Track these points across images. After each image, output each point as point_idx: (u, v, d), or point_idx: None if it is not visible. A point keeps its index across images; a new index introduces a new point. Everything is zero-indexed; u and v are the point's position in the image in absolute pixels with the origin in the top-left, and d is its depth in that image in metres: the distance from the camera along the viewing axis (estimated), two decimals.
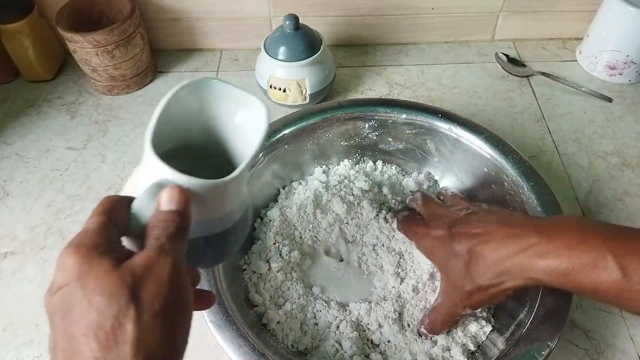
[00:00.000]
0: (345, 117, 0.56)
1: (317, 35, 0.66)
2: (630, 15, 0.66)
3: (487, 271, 0.38)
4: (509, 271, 0.37)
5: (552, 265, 0.35)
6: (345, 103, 0.57)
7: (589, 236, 0.35)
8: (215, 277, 0.43)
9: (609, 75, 0.72)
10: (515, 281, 0.38)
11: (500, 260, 0.37)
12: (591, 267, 0.34)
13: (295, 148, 0.56)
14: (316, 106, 0.58)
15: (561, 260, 0.35)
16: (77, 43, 0.65)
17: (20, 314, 0.51)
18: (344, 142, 0.58)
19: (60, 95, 0.72)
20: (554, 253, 0.36)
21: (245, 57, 0.77)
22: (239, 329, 0.40)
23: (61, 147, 0.66)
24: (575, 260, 0.35)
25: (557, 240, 0.36)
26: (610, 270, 0.34)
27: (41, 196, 0.61)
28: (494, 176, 0.52)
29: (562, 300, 0.42)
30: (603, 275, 0.34)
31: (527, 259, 0.37)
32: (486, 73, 0.74)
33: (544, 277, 0.36)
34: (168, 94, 0.32)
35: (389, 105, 0.56)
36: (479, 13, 0.75)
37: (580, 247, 0.35)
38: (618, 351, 0.48)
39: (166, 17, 0.74)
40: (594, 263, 0.34)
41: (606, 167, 0.63)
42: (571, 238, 0.36)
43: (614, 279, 0.34)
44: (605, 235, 0.35)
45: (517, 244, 0.37)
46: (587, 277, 0.35)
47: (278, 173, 0.56)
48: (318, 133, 0.56)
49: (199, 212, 0.30)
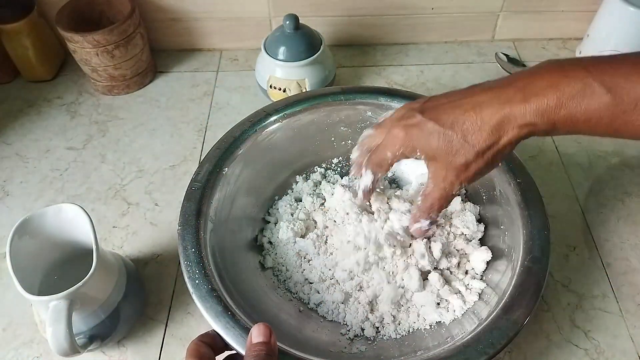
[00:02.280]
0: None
1: (317, 35, 0.66)
2: (630, 15, 0.66)
3: (481, 133, 0.37)
4: (502, 124, 0.36)
5: (541, 104, 0.35)
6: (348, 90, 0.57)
7: (570, 70, 0.35)
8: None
9: None
10: (510, 134, 0.37)
11: (490, 117, 0.36)
12: (579, 96, 0.34)
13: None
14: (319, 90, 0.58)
15: (548, 97, 0.35)
16: (77, 43, 0.65)
17: (20, 314, 0.51)
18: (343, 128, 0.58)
19: (60, 95, 0.72)
20: (541, 93, 0.35)
21: (245, 57, 0.77)
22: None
23: (61, 147, 0.66)
24: (561, 93, 0.34)
25: (540, 81, 0.35)
26: (599, 95, 0.33)
27: (41, 196, 0.61)
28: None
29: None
30: (593, 102, 0.33)
31: (516, 105, 0.36)
32: (486, 73, 0.74)
33: (536, 119, 0.35)
34: (6, 247, 0.40)
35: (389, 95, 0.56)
36: (479, 13, 0.75)
37: (564, 80, 0.34)
38: (618, 351, 0.48)
39: (166, 17, 0.74)
40: (581, 91, 0.34)
41: (606, 167, 0.63)
42: (552, 76, 0.35)
43: (604, 103, 0.33)
44: (585, 64, 0.35)
45: (502, 97, 0.36)
46: (578, 107, 0.34)
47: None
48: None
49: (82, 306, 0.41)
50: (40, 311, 0.43)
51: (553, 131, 0.37)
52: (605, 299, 0.51)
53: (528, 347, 0.48)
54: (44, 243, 0.44)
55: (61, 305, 0.38)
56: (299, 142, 0.57)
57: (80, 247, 0.46)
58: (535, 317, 0.50)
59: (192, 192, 0.47)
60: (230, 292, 0.43)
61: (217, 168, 0.50)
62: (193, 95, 0.72)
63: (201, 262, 0.43)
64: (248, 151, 0.53)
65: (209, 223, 0.46)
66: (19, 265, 0.40)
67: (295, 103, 0.55)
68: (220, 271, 0.44)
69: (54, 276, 0.46)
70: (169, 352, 0.48)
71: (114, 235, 0.57)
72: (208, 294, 0.41)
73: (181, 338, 0.49)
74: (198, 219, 0.46)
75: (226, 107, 0.70)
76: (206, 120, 0.68)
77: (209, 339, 0.38)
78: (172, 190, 0.61)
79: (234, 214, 0.51)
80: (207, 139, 0.66)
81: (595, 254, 0.54)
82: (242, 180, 0.52)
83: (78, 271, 0.41)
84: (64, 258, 0.47)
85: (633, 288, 0.52)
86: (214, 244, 0.46)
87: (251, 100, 0.71)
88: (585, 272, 0.53)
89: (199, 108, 0.70)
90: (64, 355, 0.39)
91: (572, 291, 0.52)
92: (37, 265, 0.44)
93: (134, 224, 0.58)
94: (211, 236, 0.46)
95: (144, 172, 0.63)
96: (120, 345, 0.48)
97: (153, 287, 0.52)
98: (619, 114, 0.34)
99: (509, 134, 0.37)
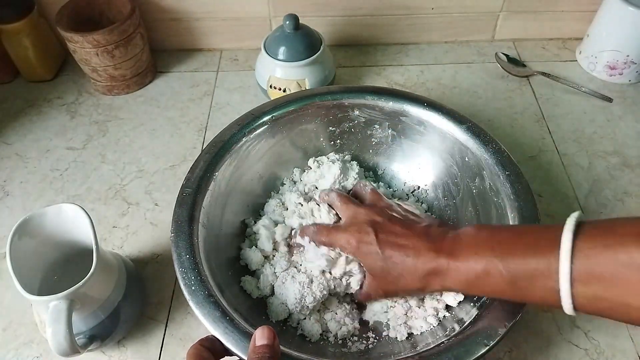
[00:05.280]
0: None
1: (317, 35, 0.66)
2: (630, 15, 0.66)
3: (413, 277, 0.42)
4: (430, 275, 0.41)
5: (459, 278, 0.40)
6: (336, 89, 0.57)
7: (481, 246, 0.39)
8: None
9: (609, 75, 0.72)
10: (434, 286, 0.42)
11: (424, 266, 0.41)
12: (484, 276, 0.38)
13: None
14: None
15: (460, 275, 0.39)
16: (77, 43, 0.65)
17: (20, 314, 0.51)
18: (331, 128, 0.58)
19: (60, 95, 0.72)
20: (457, 269, 0.40)
21: (245, 57, 0.77)
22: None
23: (61, 147, 0.66)
24: (470, 272, 0.39)
25: (459, 255, 0.40)
26: (500, 274, 0.37)
27: (41, 196, 0.61)
28: (473, 165, 0.52)
29: None
30: (494, 281, 0.38)
31: (442, 275, 0.41)
32: (486, 73, 0.74)
33: (456, 287, 0.41)
34: (6, 247, 0.40)
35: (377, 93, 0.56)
36: (479, 13, 0.75)
37: (473, 258, 0.39)
38: (618, 351, 0.48)
39: (166, 17, 0.74)
40: (486, 271, 0.38)
41: (606, 167, 0.63)
42: (468, 251, 0.39)
43: (503, 281, 0.37)
44: (493, 242, 0.39)
45: (433, 262, 0.41)
46: (485, 285, 0.38)
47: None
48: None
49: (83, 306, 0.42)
50: (40, 311, 0.43)
51: (466, 292, 0.44)
52: None
53: (528, 347, 0.48)
54: (44, 243, 0.44)
55: (61, 305, 0.38)
56: (288, 143, 0.57)
57: (80, 247, 0.46)
58: (535, 317, 0.50)
59: (184, 197, 0.47)
60: (226, 296, 0.43)
61: (208, 173, 0.49)
62: (193, 95, 0.72)
63: (196, 268, 0.42)
64: (238, 154, 0.52)
65: (201, 228, 0.46)
66: (19, 265, 0.40)
67: (283, 105, 0.55)
68: (216, 276, 0.44)
69: (54, 276, 0.46)
70: (169, 352, 0.48)
71: (114, 235, 0.57)
72: (205, 300, 0.40)
73: (181, 338, 0.49)
74: (191, 225, 0.45)
75: (226, 107, 0.70)
76: (206, 120, 0.68)
77: (208, 343, 0.38)
78: (172, 190, 0.60)
79: (226, 219, 0.51)
80: (207, 139, 0.66)
81: None
82: (233, 184, 0.52)
83: (78, 271, 0.41)
84: (64, 258, 0.47)
85: None
86: (208, 249, 0.45)
87: (251, 101, 0.71)
88: None
89: (199, 108, 0.70)
90: (64, 355, 0.39)
91: None
92: (37, 265, 0.44)
93: (134, 224, 0.58)
94: (204, 242, 0.46)
95: (144, 172, 0.63)
96: (120, 345, 0.48)
97: (153, 287, 0.52)
98: (517, 295, 0.38)
99: (433, 286, 0.42)
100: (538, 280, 0.35)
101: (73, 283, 0.39)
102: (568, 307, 0.35)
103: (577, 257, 0.34)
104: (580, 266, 0.33)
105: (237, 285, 0.48)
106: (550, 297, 0.35)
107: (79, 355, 0.40)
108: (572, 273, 0.34)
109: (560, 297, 0.34)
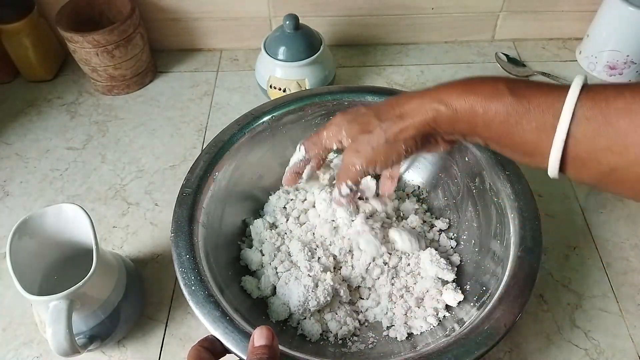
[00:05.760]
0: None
1: (317, 35, 0.66)
2: (630, 15, 0.66)
3: (424, 103, 0.39)
4: (413, 110, 0.39)
5: (449, 90, 0.38)
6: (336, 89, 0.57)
7: (487, 79, 0.37)
8: None
9: (609, 75, 0.72)
10: (417, 118, 0.39)
11: (410, 106, 0.39)
12: (488, 94, 0.36)
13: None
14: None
15: (456, 87, 0.37)
16: (77, 43, 0.65)
17: (20, 314, 0.51)
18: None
19: (60, 95, 0.72)
20: (451, 85, 0.38)
21: (245, 57, 0.77)
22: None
23: (61, 147, 0.66)
24: (476, 94, 0.36)
25: (458, 83, 0.38)
26: (503, 94, 0.35)
27: (41, 196, 0.61)
28: (473, 165, 0.52)
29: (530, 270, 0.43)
30: (494, 108, 0.36)
31: (427, 95, 0.39)
32: (486, 73, 0.74)
33: (440, 105, 0.38)
34: (6, 247, 0.41)
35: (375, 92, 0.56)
36: (479, 13, 0.75)
37: (477, 82, 0.37)
38: (618, 351, 0.48)
39: (166, 17, 0.74)
40: (492, 93, 0.36)
41: None
42: (473, 80, 0.38)
43: (506, 102, 0.35)
44: (501, 78, 0.37)
45: (425, 95, 0.39)
46: (489, 110, 0.36)
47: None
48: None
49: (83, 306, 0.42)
50: (40, 311, 0.43)
51: (456, 120, 0.38)
52: (605, 299, 0.51)
53: (528, 347, 0.48)
54: (44, 243, 0.44)
55: (61, 305, 0.38)
56: (288, 143, 0.56)
57: (80, 247, 0.46)
58: (535, 317, 0.50)
59: (184, 198, 0.47)
60: (226, 296, 0.43)
61: (208, 173, 0.49)
62: (193, 95, 0.72)
63: (196, 269, 0.42)
64: (238, 154, 0.52)
65: (201, 228, 0.46)
66: (19, 265, 0.40)
67: (283, 105, 0.55)
68: (216, 276, 0.44)
69: (54, 276, 0.46)
70: (169, 352, 0.48)
71: (114, 235, 0.57)
72: (205, 300, 0.41)
73: (181, 338, 0.49)
74: (191, 225, 0.45)
75: (226, 107, 0.70)
76: (206, 120, 0.68)
77: (208, 343, 0.38)
78: (172, 190, 0.60)
79: (226, 219, 0.51)
80: (207, 139, 0.66)
81: (595, 254, 0.54)
82: (233, 184, 0.52)
83: (78, 271, 0.41)
84: (64, 258, 0.47)
85: (633, 288, 0.52)
86: (207, 250, 0.45)
87: (251, 101, 0.71)
88: (585, 272, 0.53)
89: (199, 108, 0.70)
90: (64, 355, 0.39)
91: (572, 291, 0.52)
92: (37, 265, 0.44)
93: (134, 224, 0.58)
94: (204, 241, 0.46)
95: (144, 172, 0.63)
96: (120, 345, 0.48)
97: (153, 287, 0.52)
98: (512, 113, 0.35)
99: (415, 118, 0.39)
100: (536, 113, 0.34)
101: (73, 283, 0.39)
102: (559, 143, 0.34)
103: (583, 99, 0.34)
104: (586, 107, 0.34)
105: (237, 285, 0.49)
106: (540, 139, 0.35)
107: (79, 355, 0.40)
108: (576, 110, 0.33)
109: (555, 133, 0.34)
